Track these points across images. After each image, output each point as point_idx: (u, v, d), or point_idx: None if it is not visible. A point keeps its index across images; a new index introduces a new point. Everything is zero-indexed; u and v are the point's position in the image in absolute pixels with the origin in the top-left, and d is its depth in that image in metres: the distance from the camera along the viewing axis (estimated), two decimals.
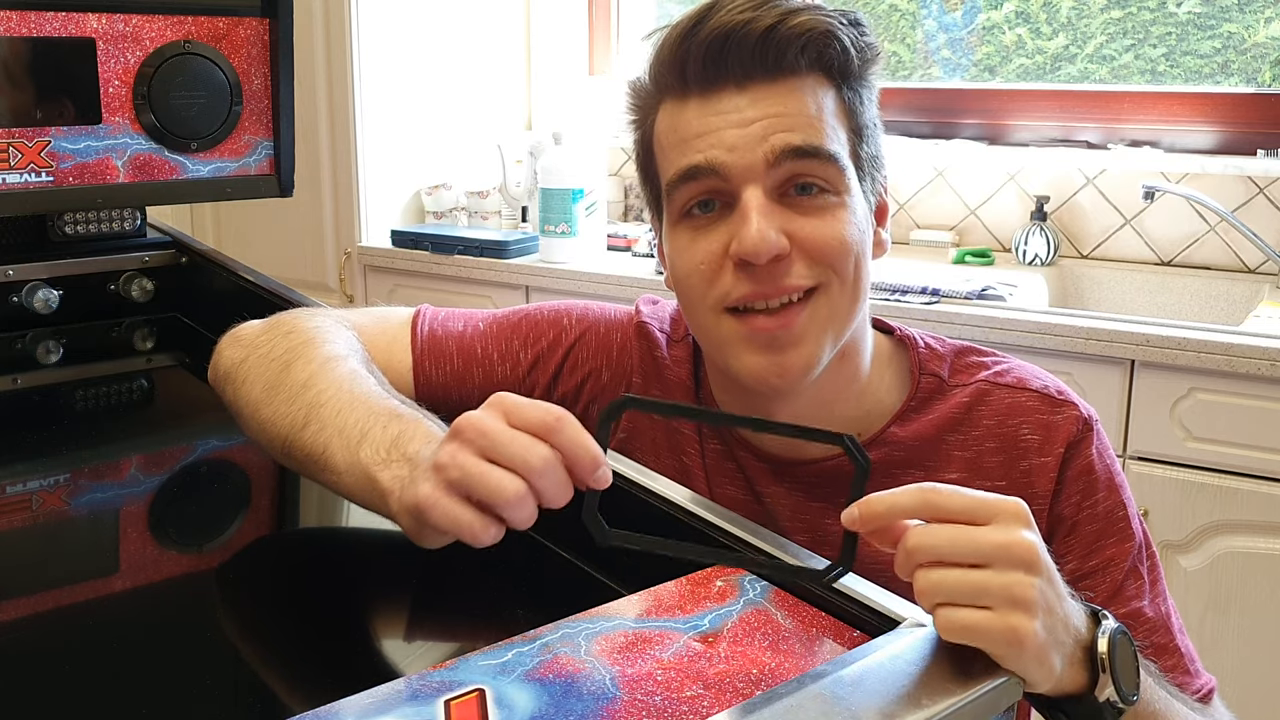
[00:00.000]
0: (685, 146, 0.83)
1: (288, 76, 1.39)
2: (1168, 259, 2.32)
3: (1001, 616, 0.60)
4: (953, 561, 0.61)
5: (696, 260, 0.83)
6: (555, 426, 0.65)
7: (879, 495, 0.63)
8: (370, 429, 0.75)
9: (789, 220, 0.81)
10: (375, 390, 0.82)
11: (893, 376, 0.93)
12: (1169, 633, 0.88)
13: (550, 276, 2.39)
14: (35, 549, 0.90)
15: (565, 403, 0.97)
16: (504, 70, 2.92)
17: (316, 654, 0.71)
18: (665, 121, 0.86)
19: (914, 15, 2.69)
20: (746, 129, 0.81)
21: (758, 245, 0.79)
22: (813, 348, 0.83)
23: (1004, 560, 0.61)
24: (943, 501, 0.62)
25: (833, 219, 0.82)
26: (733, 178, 0.81)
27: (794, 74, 0.82)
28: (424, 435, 0.73)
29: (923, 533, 0.62)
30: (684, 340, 0.97)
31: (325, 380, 0.83)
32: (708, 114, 0.82)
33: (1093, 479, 0.88)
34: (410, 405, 0.81)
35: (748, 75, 0.81)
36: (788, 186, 0.82)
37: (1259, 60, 2.32)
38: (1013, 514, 0.63)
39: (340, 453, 0.76)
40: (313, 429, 0.79)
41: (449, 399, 0.96)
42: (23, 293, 1.33)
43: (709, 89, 0.82)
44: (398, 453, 0.72)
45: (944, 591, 0.61)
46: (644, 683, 0.59)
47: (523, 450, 0.64)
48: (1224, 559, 1.80)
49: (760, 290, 0.81)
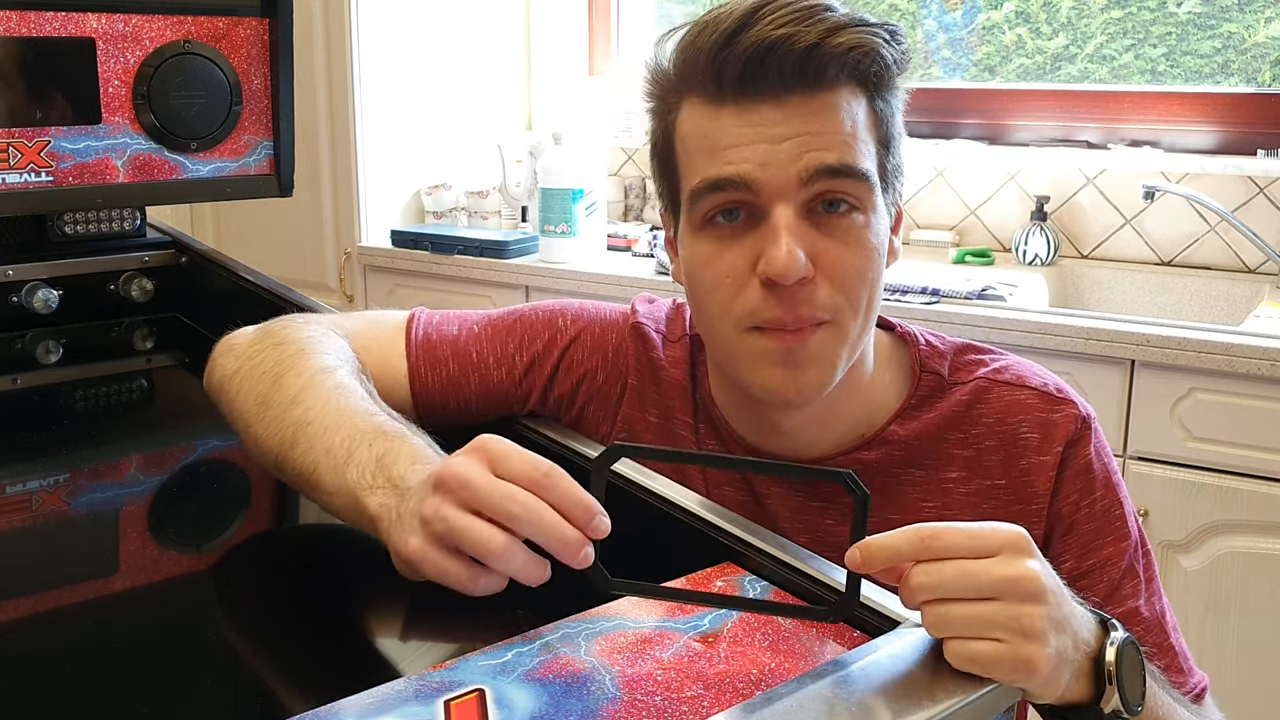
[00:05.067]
0: (715, 156, 0.81)
1: (288, 76, 1.39)
2: (1168, 259, 2.32)
3: (1013, 648, 0.60)
4: (959, 597, 0.61)
5: (722, 273, 0.82)
6: (544, 483, 0.65)
7: (878, 540, 0.62)
8: (356, 449, 0.76)
9: (815, 240, 0.80)
10: (362, 405, 0.82)
11: (893, 374, 0.92)
12: (1164, 632, 0.88)
13: (550, 276, 2.39)
14: (35, 549, 0.90)
15: (561, 404, 0.98)
16: (504, 70, 2.92)
17: (316, 654, 0.71)
18: (692, 121, 0.83)
19: (914, 15, 2.69)
20: (780, 145, 0.79)
21: (788, 267, 0.78)
22: (827, 369, 0.83)
23: (1012, 594, 0.61)
24: (941, 545, 0.62)
25: (857, 243, 0.81)
26: (763, 194, 0.80)
27: (832, 88, 0.80)
28: (409, 455, 0.74)
29: (927, 570, 0.62)
30: (680, 340, 0.97)
31: (313, 396, 0.83)
32: (741, 125, 0.80)
33: (1090, 478, 0.88)
34: (396, 419, 0.81)
35: (786, 89, 0.79)
36: (816, 203, 0.81)
37: (1259, 60, 2.32)
38: (1016, 545, 0.63)
39: (328, 474, 0.76)
40: (301, 448, 0.80)
41: (446, 404, 0.96)
42: (22, 293, 1.33)
43: (744, 99, 0.80)
44: (383, 476, 0.73)
45: (954, 627, 0.61)
46: (644, 683, 0.59)
47: (504, 501, 0.65)
48: (1224, 559, 1.80)
49: (781, 316, 0.81)
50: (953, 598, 0.61)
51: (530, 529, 0.65)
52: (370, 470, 0.74)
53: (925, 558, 0.62)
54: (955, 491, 0.89)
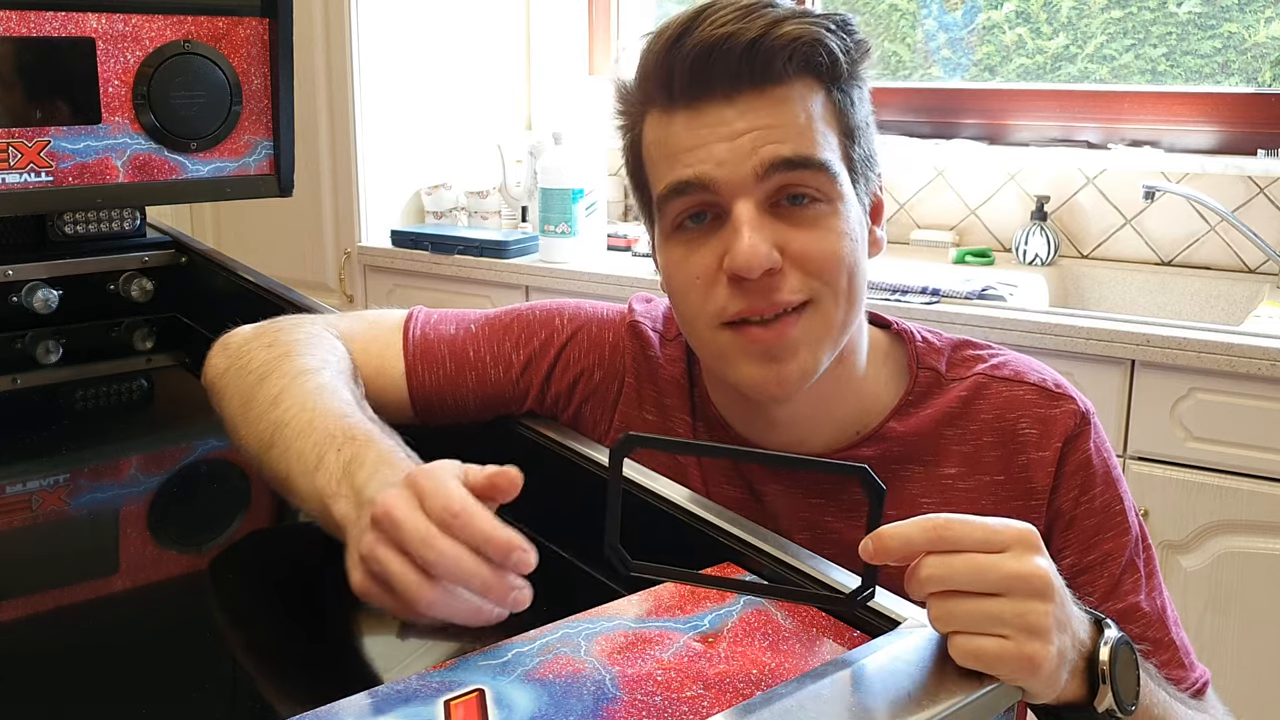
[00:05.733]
0: (674, 160, 0.82)
1: (287, 76, 1.39)
2: (1168, 259, 2.32)
3: (1018, 645, 0.60)
4: (967, 591, 0.61)
5: (691, 275, 0.83)
6: (453, 524, 0.63)
7: (891, 530, 0.62)
8: (326, 453, 0.75)
9: (781, 232, 0.81)
10: (337, 407, 0.81)
11: (890, 371, 0.92)
12: (1165, 627, 0.89)
13: (550, 276, 2.39)
14: (35, 549, 0.90)
15: (559, 403, 0.98)
16: (504, 70, 2.92)
17: (316, 654, 0.71)
18: (653, 132, 0.85)
19: (914, 15, 2.69)
20: (735, 142, 0.80)
21: (750, 260, 0.79)
22: (809, 358, 0.83)
23: (1020, 590, 0.61)
24: (955, 536, 0.62)
25: (825, 230, 0.82)
26: (723, 192, 0.80)
27: (782, 82, 0.81)
28: (374, 460, 0.73)
29: (937, 563, 0.62)
30: (677, 339, 0.97)
31: (291, 398, 0.83)
32: (696, 127, 0.81)
33: (1090, 473, 0.88)
34: (369, 420, 0.80)
35: (735, 87, 0.80)
36: (779, 197, 0.81)
37: (1259, 60, 2.32)
38: (1026, 542, 0.63)
39: (300, 477, 0.76)
40: (277, 450, 0.80)
41: (444, 403, 0.96)
42: (22, 293, 1.33)
43: (696, 101, 0.81)
44: (347, 483, 0.72)
45: (960, 621, 0.61)
46: (644, 683, 0.59)
47: (422, 549, 0.63)
48: (1224, 559, 1.80)
49: (754, 305, 0.81)
50: (961, 591, 0.61)
51: (451, 577, 0.63)
52: (336, 477, 0.73)
53: (937, 548, 0.62)
54: (954, 488, 0.89)
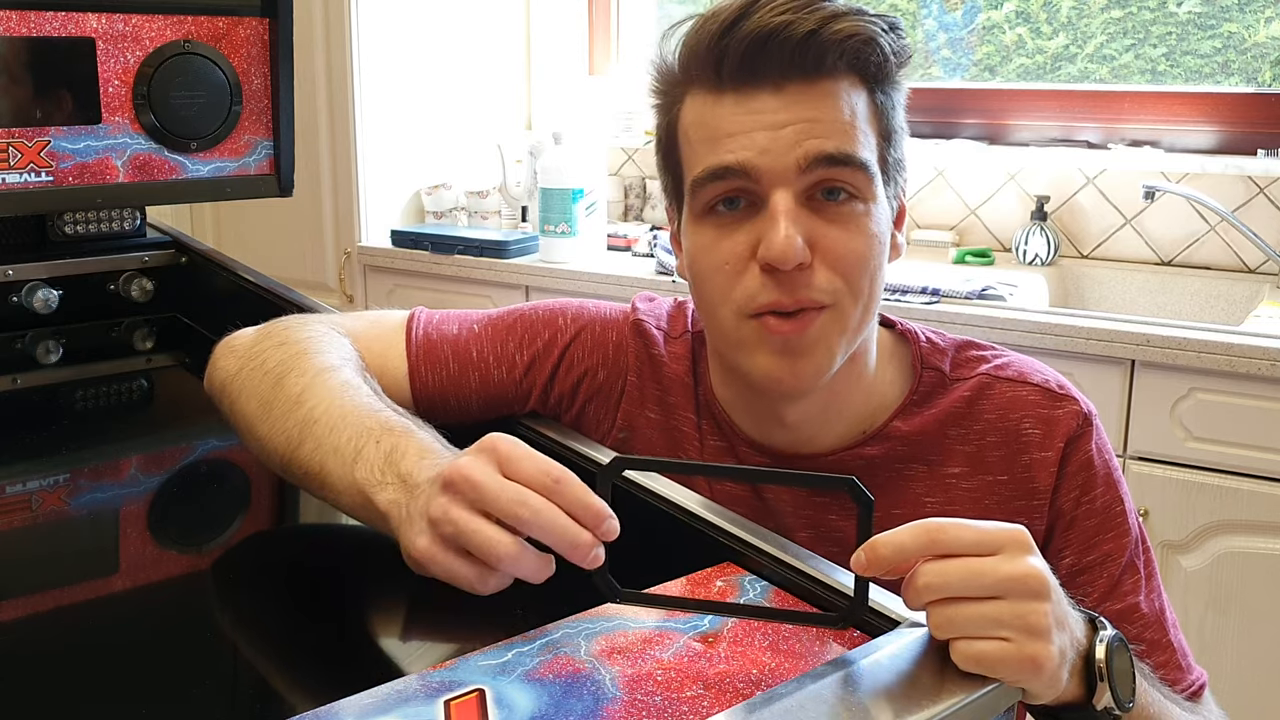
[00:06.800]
0: (716, 144, 0.82)
1: (287, 76, 1.39)
2: (1168, 259, 2.32)
3: (1019, 647, 0.60)
4: (965, 596, 0.61)
5: (721, 259, 0.83)
6: (555, 489, 0.65)
7: (884, 538, 0.62)
8: (364, 446, 0.76)
9: (815, 226, 0.81)
10: (367, 402, 0.82)
11: (895, 371, 0.93)
12: (1163, 628, 0.89)
13: (550, 276, 2.39)
14: (35, 549, 0.90)
15: (562, 403, 0.98)
16: (504, 70, 2.92)
17: (316, 654, 0.71)
18: (694, 113, 0.84)
19: (914, 15, 2.69)
20: (779, 132, 0.80)
21: (785, 251, 0.79)
22: (825, 356, 0.83)
23: (1017, 592, 0.61)
24: (948, 540, 0.62)
25: (856, 230, 0.82)
26: (763, 180, 0.80)
27: (831, 77, 0.81)
28: (417, 449, 0.74)
29: (933, 570, 0.62)
30: (681, 337, 0.97)
31: (318, 395, 0.83)
32: (741, 113, 0.81)
33: (1092, 474, 0.89)
34: (402, 414, 0.81)
35: (785, 76, 0.80)
36: (815, 190, 0.81)
37: (1259, 60, 2.32)
38: (1018, 543, 0.63)
39: (336, 471, 0.76)
40: (308, 447, 0.80)
41: (446, 403, 0.96)
42: (22, 293, 1.33)
43: (744, 87, 0.81)
44: (392, 472, 0.73)
45: (960, 627, 0.61)
46: (644, 683, 0.59)
47: (514, 505, 0.64)
48: (1224, 559, 1.80)
49: (782, 298, 0.81)
50: (959, 597, 0.61)
51: (541, 532, 0.64)
52: (379, 467, 0.74)
53: (931, 553, 0.62)
54: (957, 487, 0.89)
